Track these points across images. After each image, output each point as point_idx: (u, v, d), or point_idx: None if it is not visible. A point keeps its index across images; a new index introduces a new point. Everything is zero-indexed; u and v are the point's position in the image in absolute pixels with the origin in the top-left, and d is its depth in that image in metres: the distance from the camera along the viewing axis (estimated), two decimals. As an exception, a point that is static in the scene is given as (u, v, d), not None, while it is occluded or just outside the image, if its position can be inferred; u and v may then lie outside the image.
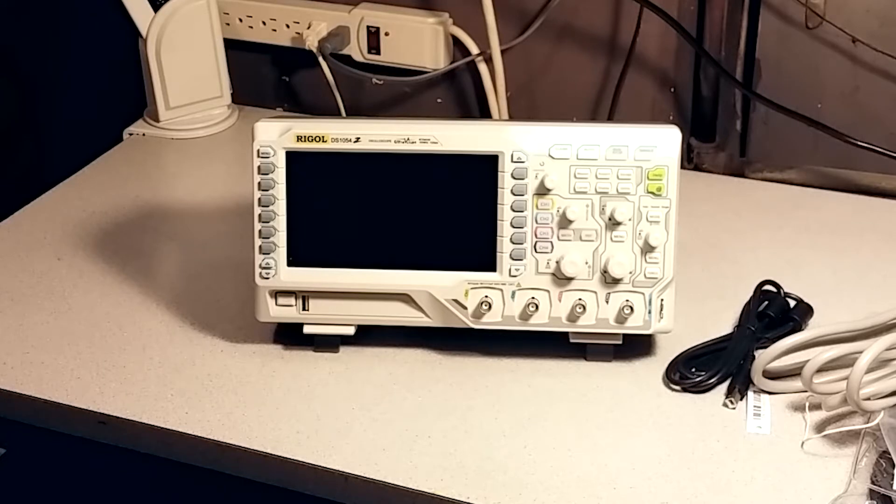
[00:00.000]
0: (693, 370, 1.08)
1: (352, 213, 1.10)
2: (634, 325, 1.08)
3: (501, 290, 1.08)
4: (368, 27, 1.50)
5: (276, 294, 1.11)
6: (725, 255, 1.27)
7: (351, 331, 1.12)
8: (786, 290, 1.17)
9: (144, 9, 1.50)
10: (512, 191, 1.07)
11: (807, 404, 1.04)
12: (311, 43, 1.50)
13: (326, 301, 1.11)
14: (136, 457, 1.08)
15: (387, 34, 1.50)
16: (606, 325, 1.08)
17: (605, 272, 1.07)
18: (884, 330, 1.11)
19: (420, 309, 1.10)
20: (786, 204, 1.38)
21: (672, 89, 1.44)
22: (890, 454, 0.96)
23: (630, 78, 1.43)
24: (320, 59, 1.50)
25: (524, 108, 1.51)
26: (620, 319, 1.08)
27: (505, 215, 1.07)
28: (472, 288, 1.09)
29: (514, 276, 1.08)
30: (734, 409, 1.05)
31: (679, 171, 1.06)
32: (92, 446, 1.10)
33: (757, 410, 1.05)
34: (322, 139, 1.08)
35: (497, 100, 1.49)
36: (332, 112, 1.53)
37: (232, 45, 1.56)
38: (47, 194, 1.42)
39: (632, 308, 1.08)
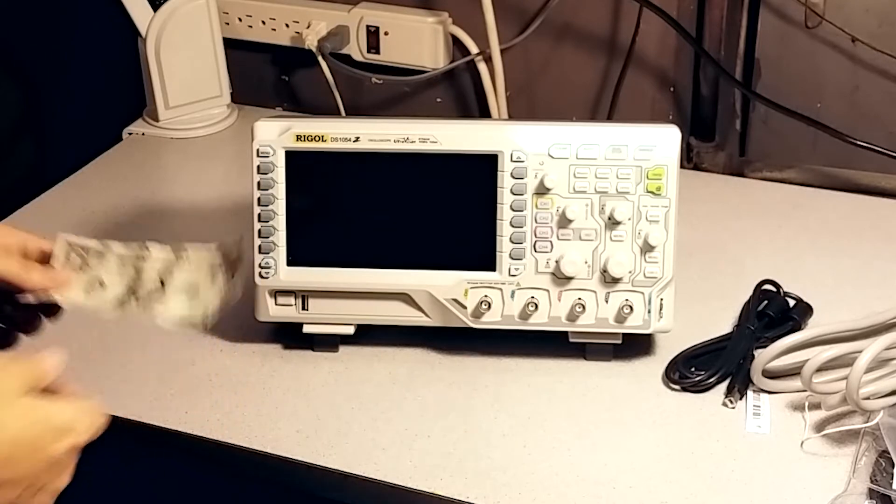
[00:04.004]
0: (692, 369, 1.08)
1: (351, 212, 1.10)
2: (634, 325, 1.08)
3: (501, 289, 1.09)
4: (368, 26, 1.51)
5: (276, 293, 1.11)
6: (725, 255, 1.27)
7: (350, 330, 1.12)
8: (785, 289, 1.17)
9: (144, 8, 1.50)
10: (511, 190, 1.07)
11: (806, 404, 1.04)
12: (311, 42, 1.50)
13: (326, 300, 1.11)
14: (136, 457, 1.08)
15: (386, 33, 1.50)
16: (606, 324, 1.09)
17: (604, 272, 1.07)
18: (883, 329, 1.10)
19: (420, 308, 1.10)
20: (785, 203, 1.38)
21: (671, 89, 1.44)
22: (889, 453, 0.96)
23: (629, 77, 1.43)
24: (320, 58, 1.50)
25: (524, 108, 1.51)
26: (620, 319, 1.08)
27: (504, 215, 1.07)
28: (471, 287, 1.09)
29: (514, 276, 1.08)
30: (734, 408, 1.05)
31: (678, 170, 1.06)
32: (91, 446, 1.09)
33: (756, 410, 1.05)
34: (321, 139, 1.08)
35: (496, 99, 1.49)
36: (332, 111, 1.53)
37: (231, 45, 1.56)
38: (47, 194, 1.42)
39: (631, 307, 1.08)
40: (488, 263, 1.08)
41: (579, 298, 1.08)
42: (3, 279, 0.90)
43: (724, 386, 1.07)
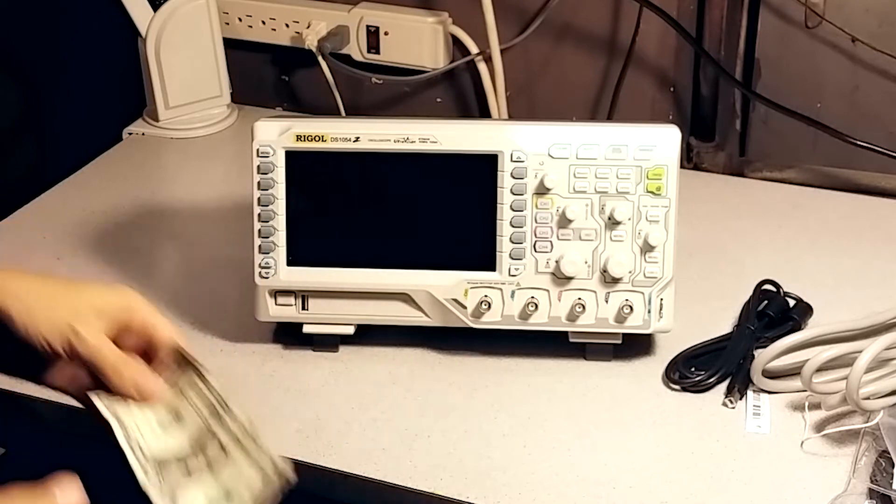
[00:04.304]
0: (692, 369, 1.08)
1: (351, 212, 1.10)
2: (634, 325, 1.08)
3: (501, 289, 1.08)
4: (368, 26, 1.50)
5: (276, 293, 1.11)
6: (725, 255, 1.27)
7: (350, 330, 1.12)
8: (785, 289, 1.17)
9: (144, 8, 1.50)
10: (511, 190, 1.07)
11: (806, 404, 1.04)
12: (311, 42, 1.50)
13: (326, 300, 1.11)
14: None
15: (386, 33, 1.50)
16: (606, 324, 1.08)
17: (604, 272, 1.07)
18: (883, 329, 1.10)
19: (420, 308, 1.10)
20: (785, 203, 1.38)
21: (671, 89, 1.44)
22: (889, 453, 0.96)
23: (629, 77, 1.43)
24: (320, 58, 1.50)
25: (524, 108, 1.51)
26: (620, 319, 1.08)
27: (504, 215, 1.07)
28: (471, 287, 1.09)
29: (514, 276, 1.08)
30: (734, 408, 1.05)
31: (678, 170, 1.06)
32: (92, 446, 1.09)
33: (756, 410, 1.05)
34: (321, 139, 1.08)
35: (496, 99, 1.49)
36: (332, 111, 1.53)
37: (231, 45, 1.56)
38: (47, 194, 1.42)
39: (631, 307, 1.08)
40: (488, 263, 1.08)
41: (579, 298, 1.08)
42: (95, 365, 0.79)
43: (724, 386, 1.07)
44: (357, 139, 1.08)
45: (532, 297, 1.08)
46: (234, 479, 0.81)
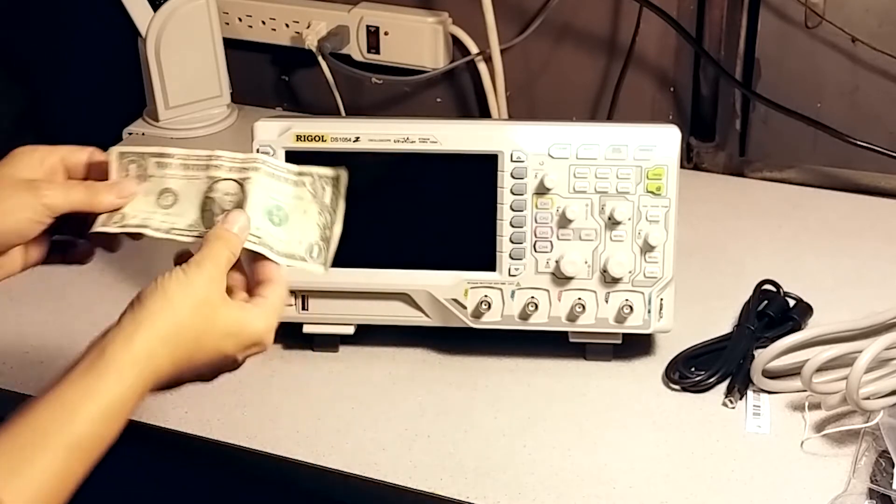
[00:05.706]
0: (692, 369, 1.08)
1: (351, 212, 1.09)
2: (634, 325, 1.08)
3: (501, 289, 1.08)
4: (368, 26, 1.50)
5: (276, 294, 1.10)
6: (725, 255, 1.27)
7: (350, 330, 1.12)
8: (785, 289, 1.17)
9: (144, 8, 1.50)
10: (511, 190, 1.07)
11: (806, 404, 1.04)
12: (311, 42, 1.50)
13: (326, 300, 1.11)
14: (136, 456, 1.08)
15: (386, 33, 1.50)
16: (606, 324, 1.08)
17: (604, 272, 1.07)
18: (883, 329, 1.10)
19: (420, 308, 1.10)
20: (785, 203, 1.38)
21: (671, 89, 1.44)
22: (889, 453, 0.96)
23: (629, 77, 1.43)
24: (320, 58, 1.50)
25: (524, 108, 1.51)
26: (620, 319, 1.08)
27: (504, 215, 1.07)
28: (471, 287, 1.09)
29: (514, 276, 1.08)
30: (734, 408, 1.05)
31: (678, 170, 1.06)
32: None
33: (756, 410, 1.05)
34: (321, 139, 1.08)
35: (496, 99, 1.49)
36: (332, 111, 1.53)
37: (231, 45, 1.56)
38: (47, 194, 1.42)
39: (631, 307, 1.08)
40: (488, 263, 1.08)
41: (579, 298, 1.08)
42: (70, 208, 0.80)
43: (724, 386, 1.07)
44: (357, 139, 1.08)
45: (532, 297, 1.08)
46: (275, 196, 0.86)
